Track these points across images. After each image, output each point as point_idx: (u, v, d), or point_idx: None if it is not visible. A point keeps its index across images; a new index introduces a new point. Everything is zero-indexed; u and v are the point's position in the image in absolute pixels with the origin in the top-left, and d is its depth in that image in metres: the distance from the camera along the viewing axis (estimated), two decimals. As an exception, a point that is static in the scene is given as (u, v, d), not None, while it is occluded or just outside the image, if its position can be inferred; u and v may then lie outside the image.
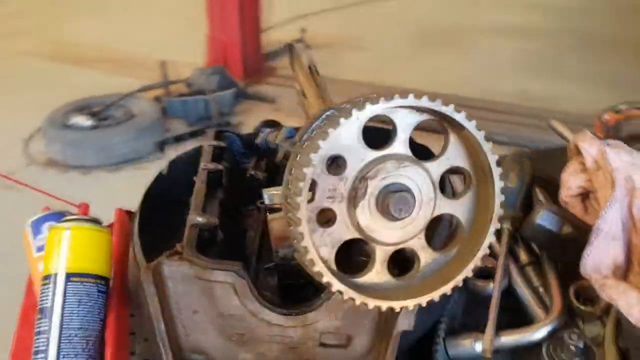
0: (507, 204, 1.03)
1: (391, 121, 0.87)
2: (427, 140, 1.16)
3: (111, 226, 1.42)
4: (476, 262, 0.90)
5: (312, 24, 5.50)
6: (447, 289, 0.90)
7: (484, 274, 1.17)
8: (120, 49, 5.42)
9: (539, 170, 1.54)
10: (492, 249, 1.01)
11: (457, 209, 0.92)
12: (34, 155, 4.30)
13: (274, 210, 1.16)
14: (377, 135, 0.88)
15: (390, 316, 0.96)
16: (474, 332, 1.18)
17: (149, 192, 1.44)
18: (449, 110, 0.85)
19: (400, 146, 0.87)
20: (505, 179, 0.93)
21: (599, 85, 4.53)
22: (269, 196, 1.15)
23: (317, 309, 0.96)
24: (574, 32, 5.54)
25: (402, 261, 0.95)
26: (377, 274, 0.90)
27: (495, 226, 0.90)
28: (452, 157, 0.90)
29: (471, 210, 0.92)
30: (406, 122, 0.87)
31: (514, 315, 1.23)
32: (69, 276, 1.23)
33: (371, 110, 0.83)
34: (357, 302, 0.87)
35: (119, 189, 4.02)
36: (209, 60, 4.96)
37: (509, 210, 1.25)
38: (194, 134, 4.31)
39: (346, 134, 0.84)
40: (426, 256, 0.92)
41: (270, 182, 1.43)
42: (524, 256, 1.32)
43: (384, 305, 0.88)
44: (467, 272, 0.90)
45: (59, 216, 1.45)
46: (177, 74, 4.94)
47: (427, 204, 0.88)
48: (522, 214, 1.29)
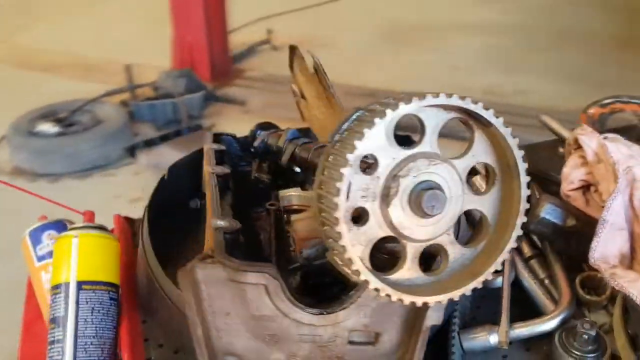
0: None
1: (419, 120, 0.89)
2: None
3: (111, 232, 1.41)
4: (504, 255, 0.93)
5: (278, 25, 5.50)
6: (478, 282, 0.92)
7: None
8: (83, 54, 5.31)
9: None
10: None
11: (483, 204, 0.94)
12: (-1, 164, 4.20)
13: (291, 211, 1.17)
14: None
15: (418, 312, 0.98)
16: (487, 325, 1.21)
17: (153, 198, 1.43)
18: (478, 108, 0.87)
19: (428, 144, 0.89)
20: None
21: (566, 79, 4.66)
22: (287, 198, 1.15)
23: (348, 307, 0.97)
24: (539, 28, 5.68)
25: (425, 257, 0.97)
26: (408, 270, 0.92)
27: (521, 219, 0.93)
28: (478, 153, 0.92)
29: (496, 205, 0.95)
30: (434, 121, 0.89)
31: (521, 307, 1.27)
32: (80, 284, 1.22)
33: (404, 109, 0.84)
34: (394, 298, 0.88)
35: (89, 196, 3.95)
36: (175, 62, 4.91)
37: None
38: (165, 138, 4.26)
39: (379, 134, 0.85)
40: (454, 251, 0.94)
41: (275, 184, 1.44)
42: (527, 249, 1.36)
43: (419, 300, 0.90)
44: (496, 265, 0.93)
45: (58, 225, 1.43)
46: (143, 77, 4.88)
47: (456, 200, 0.90)
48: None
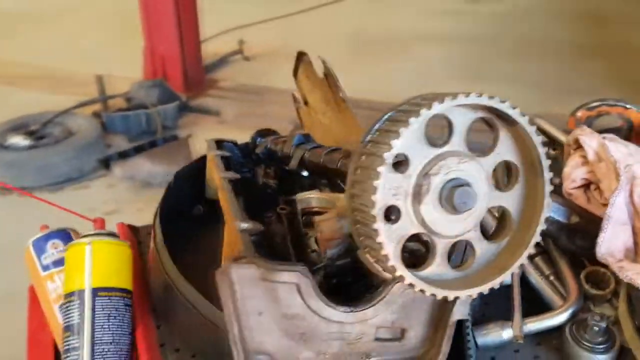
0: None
1: (448, 120, 0.92)
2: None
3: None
4: (529, 249, 0.96)
5: (249, 36, 5.51)
6: (505, 276, 0.95)
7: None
8: (53, 65, 5.23)
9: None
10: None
11: (506, 200, 0.98)
12: (-30, 179, 4.09)
13: (309, 214, 1.19)
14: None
15: (444, 307, 1.01)
16: (500, 321, 1.24)
17: (163, 205, 1.43)
18: (506, 107, 0.91)
19: (457, 143, 0.92)
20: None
21: (530, 87, 4.77)
22: (305, 200, 1.17)
23: (377, 304, 0.99)
24: (503, 37, 5.81)
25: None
26: (438, 266, 0.94)
27: (545, 215, 0.96)
28: (502, 151, 0.96)
29: (519, 201, 0.98)
30: (462, 120, 0.92)
31: (527, 303, 1.30)
32: (95, 291, 1.21)
33: (437, 109, 0.87)
34: (427, 293, 0.91)
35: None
36: (146, 73, 4.87)
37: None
38: (140, 149, 4.22)
39: (412, 133, 0.88)
40: (481, 247, 0.97)
41: (282, 189, 1.45)
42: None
43: (451, 294, 0.92)
44: (522, 259, 0.96)
45: (61, 234, 1.42)
46: (115, 88, 4.83)
47: (484, 196, 0.93)
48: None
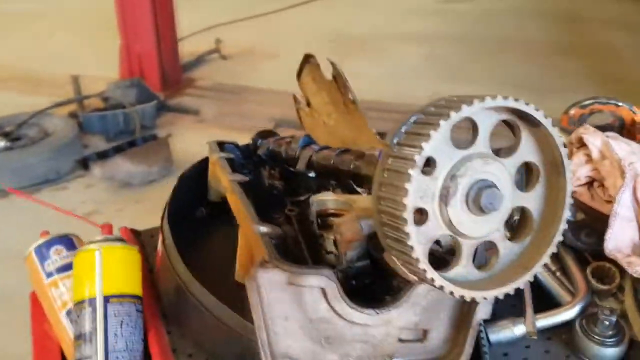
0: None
1: (472, 122, 0.93)
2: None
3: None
4: (552, 249, 0.97)
5: (226, 34, 5.48)
6: (529, 276, 0.96)
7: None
8: (27, 66, 5.12)
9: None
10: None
11: (528, 200, 0.99)
12: (-55, 182, 3.99)
13: (325, 215, 1.18)
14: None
15: (467, 307, 1.02)
16: (510, 317, 1.26)
17: (170, 207, 1.41)
18: (530, 108, 0.92)
19: (482, 145, 0.93)
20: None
21: (507, 86, 4.83)
22: (321, 202, 1.16)
23: (401, 306, 0.99)
24: (479, 37, 5.88)
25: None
26: (464, 267, 0.95)
27: (567, 214, 0.98)
28: (524, 152, 0.97)
29: (541, 201, 0.99)
30: (487, 122, 0.93)
31: (535, 298, 1.32)
32: (107, 298, 1.19)
33: (466, 111, 0.88)
34: (457, 295, 0.91)
35: (41, 211, 3.81)
36: (123, 72, 4.80)
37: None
38: (119, 149, 4.16)
39: (441, 135, 0.88)
40: (504, 247, 0.98)
41: (289, 190, 1.45)
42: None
43: (479, 295, 0.93)
44: (545, 258, 0.97)
45: (64, 240, 1.39)
46: (91, 88, 4.76)
47: (509, 197, 0.94)
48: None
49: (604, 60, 5.32)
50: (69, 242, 1.39)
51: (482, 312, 1.00)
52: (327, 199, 1.16)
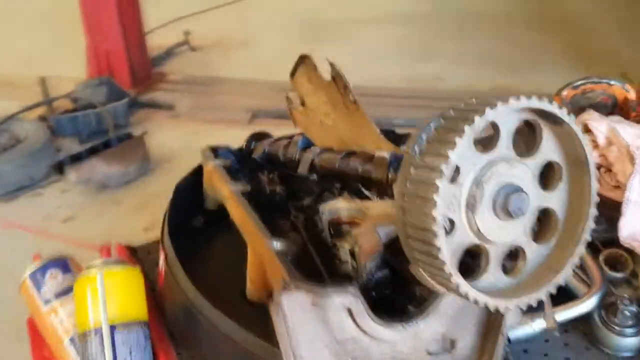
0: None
1: (493, 124, 0.89)
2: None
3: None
4: (581, 248, 0.95)
5: (194, 25, 5.35)
6: (561, 279, 0.93)
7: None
8: (-9, 70, 4.95)
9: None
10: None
11: (551, 200, 0.96)
12: None
13: (337, 224, 1.14)
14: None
15: (494, 315, 0.98)
16: (528, 313, 1.24)
17: (168, 221, 1.36)
18: (554, 107, 0.88)
19: (504, 147, 0.89)
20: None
21: (479, 62, 4.82)
22: (333, 211, 1.12)
23: (427, 317, 0.96)
24: (450, 14, 5.85)
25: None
26: (492, 274, 0.92)
27: (592, 212, 0.95)
28: (546, 151, 0.93)
29: (564, 200, 0.96)
30: (509, 123, 0.89)
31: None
32: (113, 327, 1.14)
33: (490, 115, 0.84)
34: (491, 307, 0.88)
35: (18, 219, 3.70)
36: (91, 71, 4.66)
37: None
38: (93, 151, 4.03)
39: (463, 142, 0.84)
40: (530, 250, 0.95)
41: (292, 195, 1.40)
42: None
43: (512, 304, 0.90)
44: (575, 258, 0.94)
45: (59, 263, 1.33)
46: (59, 89, 4.61)
47: (535, 199, 0.91)
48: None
49: (577, 32, 5.34)
50: (64, 264, 1.34)
51: (511, 317, 0.97)
52: (339, 207, 1.12)
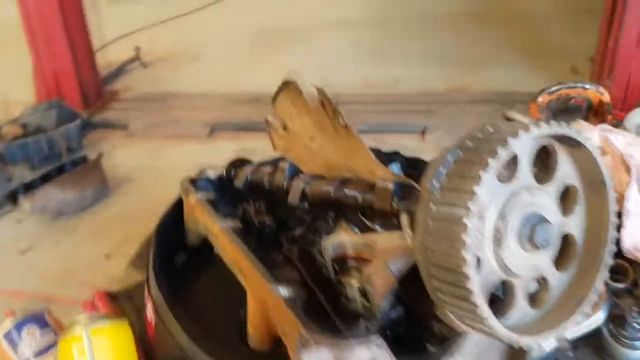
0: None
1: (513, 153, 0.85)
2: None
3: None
4: (604, 273, 0.91)
5: (144, 40, 5.22)
6: (586, 307, 0.90)
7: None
8: None
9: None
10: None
11: (571, 225, 0.92)
12: None
13: (341, 260, 1.08)
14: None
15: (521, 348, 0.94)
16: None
17: (155, 267, 1.27)
18: (574, 132, 0.84)
19: (525, 175, 0.85)
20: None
21: (435, 62, 4.84)
22: (337, 246, 1.06)
23: (451, 358, 0.91)
24: (401, 17, 5.87)
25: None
26: (519, 309, 0.87)
27: (612, 234, 0.91)
28: (564, 175, 0.90)
29: (582, 223, 0.93)
30: (528, 151, 0.85)
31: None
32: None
33: (515, 145, 0.79)
34: (524, 345, 0.83)
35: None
36: (39, 94, 4.48)
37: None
38: (47, 177, 3.87)
39: (488, 176, 0.79)
40: (553, 278, 0.91)
41: (281, 226, 1.34)
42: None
43: (545, 341, 0.86)
44: (598, 284, 0.91)
45: (35, 318, 1.24)
46: (6, 115, 4.41)
47: (556, 226, 0.87)
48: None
49: (528, 30, 5.43)
50: (41, 319, 1.24)
51: (536, 350, 0.93)
52: (343, 242, 1.06)
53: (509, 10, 5.88)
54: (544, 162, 0.90)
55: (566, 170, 0.90)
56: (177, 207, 1.40)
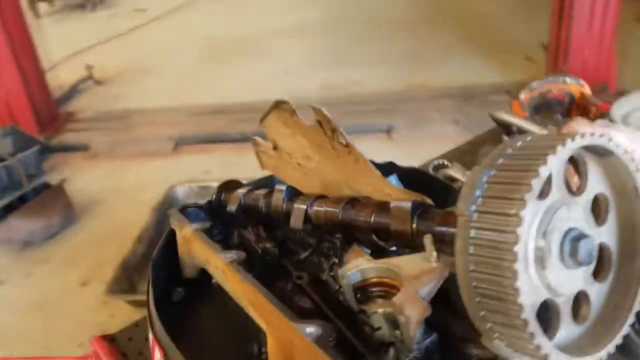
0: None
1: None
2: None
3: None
4: (643, 281, 0.88)
5: (94, 58, 5.07)
6: (631, 316, 0.87)
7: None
8: None
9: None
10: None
11: (604, 235, 0.89)
12: None
13: (364, 288, 1.02)
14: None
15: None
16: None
17: (158, 312, 1.19)
18: (606, 142, 0.81)
19: (559, 190, 0.81)
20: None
21: (391, 63, 4.86)
22: (358, 273, 1.00)
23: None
24: (354, 22, 5.87)
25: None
26: (565, 329, 0.83)
27: (648, 240, 0.89)
28: (594, 184, 0.86)
29: (616, 232, 0.90)
30: (559, 164, 0.81)
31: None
32: None
33: (553, 163, 0.75)
34: (576, 365, 0.80)
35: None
36: (-9, 121, 4.31)
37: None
38: (9, 208, 3.74)
39: (532, 196, 0.75)
40: (593, 292, 0.87)
41: (284, 251, 1.27)
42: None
43: (597, 357, 0.82)
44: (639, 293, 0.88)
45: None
46: (-42, 146, 4.22)
47: (596, 239, 0.83)
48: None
49: (483, 28, 5.51)
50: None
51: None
52: (365, 268, 1.00)
53: (461, 10, 5.96)
54: (574, 172, 0.87)
55: (595, 179, 0.86)
56: (167, 242, 1.32)
